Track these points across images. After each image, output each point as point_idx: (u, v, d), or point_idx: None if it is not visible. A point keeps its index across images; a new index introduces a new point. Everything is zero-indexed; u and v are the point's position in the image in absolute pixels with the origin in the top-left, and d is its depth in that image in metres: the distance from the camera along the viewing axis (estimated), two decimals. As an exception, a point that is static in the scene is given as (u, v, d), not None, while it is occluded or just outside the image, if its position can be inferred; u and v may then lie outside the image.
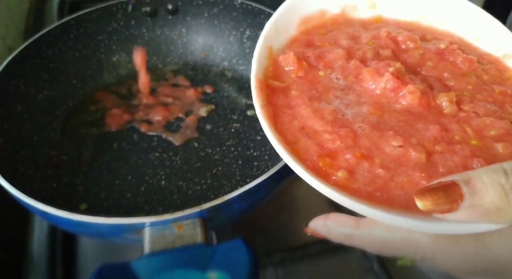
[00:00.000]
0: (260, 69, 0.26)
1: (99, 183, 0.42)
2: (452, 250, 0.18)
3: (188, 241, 0.29)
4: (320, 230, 0.23)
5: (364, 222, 0.21)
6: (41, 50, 0.47)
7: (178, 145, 0.46)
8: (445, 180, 0.18)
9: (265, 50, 0.27)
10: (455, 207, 0.17)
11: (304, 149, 0.23)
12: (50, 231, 0.41)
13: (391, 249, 0.20)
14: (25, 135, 0.43)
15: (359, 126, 0.23)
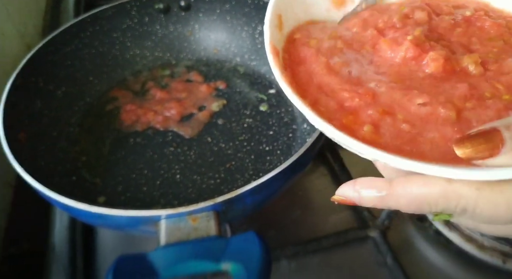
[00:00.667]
0: (273, 36, 0.26)
1: (116, 177, 0.44)
2: (497, 198, 0.17)
3: (202, 233, 0.30)
4: (350, 196, 0.21)
5: (398, 182, 0.20)
6: (58, 48, 0.48)
7: (191, 140, 0.47)
8: (485, 127, 0.17)
9: (275, 18, 0.27)
10: (496, 152, 0.16)
11: (325, 109, 0.23)
12: (70, 223, 0.42)
13: (430, 204, 0.19)
14: (45, 130, 0.44)
15: (377, 85, 0.23)
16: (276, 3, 0.27)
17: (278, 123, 0.48)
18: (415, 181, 0.19)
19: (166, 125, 0.48)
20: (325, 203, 0.43)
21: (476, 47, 0.26)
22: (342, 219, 0.41)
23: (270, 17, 0.27)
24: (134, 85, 0.54)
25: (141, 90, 0.53)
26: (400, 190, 0.19)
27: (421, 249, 0.38)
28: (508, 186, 0.17)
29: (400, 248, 0.37)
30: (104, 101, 0.51)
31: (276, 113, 0.50)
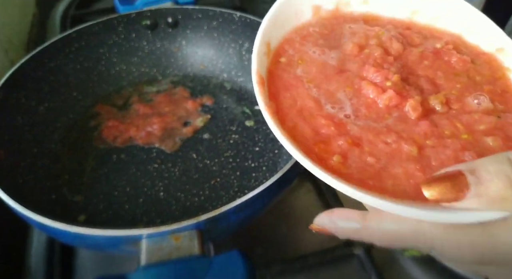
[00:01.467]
0: (260, 64, 0.26)
1: (98, 195, 0.42)
2: (462, 240, 0.18)
3: (185, 252, 0.29)
4: (326, 226, 0.22)
5: (371, 215, 0.20)
6: (42, 63, 0.48)
7: (176, 156, 0.46)
8: (451, 170, 0.18)
9: (263, 46, 0.27)
10: (461, 196, 0.17)
11: (301, 135, 0.23)
12: (48, 243, 0.41)
13: (400, 241, 0.20)
14: (25, 147, 0.43)
15: (354, 118, 0.24)
16: (265, 31, 0.27)
17: (264, 139, 0.48)
18: (387, 217, 0.19)
19: (148, 140, 0.48)
20: (311, 220, 0.42)
21: (441, 82, 0.27)
22: (328, 236, 0.40)
23: (259, 46, 0.27)
24: (118, 100, 0.53)
25: (124, 105, 0.52)
26: (373, 224, 0.20)
27: (405, 267, 0.38)
28: (472, 229, 0.18)
29: (384, 265, 0.37)
30: (88, 117, 0.51)
31: (262, 129, 0.49)
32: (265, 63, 0.27)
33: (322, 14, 0.31)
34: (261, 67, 0.26)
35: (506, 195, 0.17)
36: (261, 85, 0.25)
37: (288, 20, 0.30)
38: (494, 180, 0.17)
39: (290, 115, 0.25)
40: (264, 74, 0.26)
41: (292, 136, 0.23)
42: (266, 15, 0.29)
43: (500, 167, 0.17)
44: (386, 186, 0.21)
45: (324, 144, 0.23)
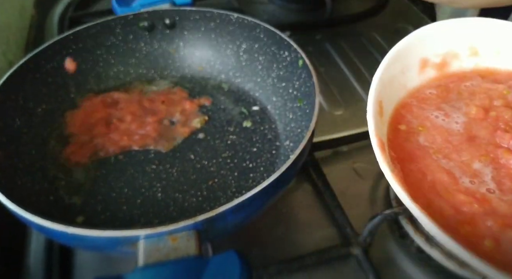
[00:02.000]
0: (377, 127, 0.24)
1: (96, 196, 0.43)
2: None
3: (182, 253, 0.29)
4: None
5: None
6: (40, 65, 0.48)
7: (174, 157, 0.47)
8: None
9: (376, 105, 0.25)
10: None
11: (439, 213, 0.21)
12: (47, 245, 0.41)
13: None
14: (23, 149, 0.43)
15: (498, 193, 0.21)
16: (377, 89, 0.25)
17: (261, 140, 0.48)
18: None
19: (144, 143, 0.48)
20: (308, 220, 0.42)
21: None
22: (325, 236, 0.40)
23: (373, 105, 0.24)
24: (115, 101, 0.53)
25: (119, 105, 0.52)
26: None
27: (403, 266, 0.38)
28: None
29: (382, 265, 0.37)
30: (86, 118, 0.51)
31: (259, 129, 0.50)
32: (379, 124, 0.24)
33: (430, 73, 0.29)
34: (378, 130, 0.24)
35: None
36: (382, 150, 0.22)
37: (396, 77, 0.28)
38: None
39: (422, 190, 0.22)
40: (383, 138, 0.24)
41: (429, 213, 0.20)
42: (376, 73, 0.26)
43: None
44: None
45: (470, 225, 0.20)
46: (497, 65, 0.29)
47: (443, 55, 0.29)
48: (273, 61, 0.52)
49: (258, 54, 0.54)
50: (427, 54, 0.29)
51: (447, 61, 0.30)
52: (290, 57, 0.49)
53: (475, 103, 0.26)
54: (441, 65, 0.30)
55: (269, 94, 0.53)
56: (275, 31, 0.50)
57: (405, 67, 0.29)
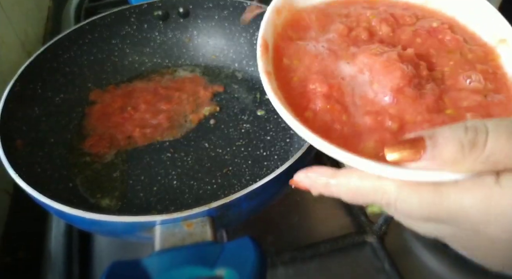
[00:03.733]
0: (267, 30, 0.28)
1: (114, 183, 0.43)
2: (412, 196, 0.20)
3: (197, 239, 0.29)
4: (302, 181, 0.24)
5: (341, 172, 0.22)
6: (57, 55, 0.49)
7: (189, 146, 0.47)
8: (413, 136, 0.20)
9: (274, 14, 0.28)
10: (418, 158, 0.19)
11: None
12: (66, 230, 0.42)
13: (362, 195, 0.22)
14: (42, 137, 0.44)
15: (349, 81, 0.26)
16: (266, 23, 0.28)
17: (275, 128, 0.48)
18: (354, 174, 0.22)
19: (156, 134, 0.48)
20: (323, 209, 0.42)
21: (433, 60, 0.27)
22: (340, 224, 0.40)
23: (269, 14, 0.28)
24: (130, 90, 0.53)
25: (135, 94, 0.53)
26: (341, 180, 0.22)
27: (419, 254, 0.38)
28: (423, 187, 0.19)
29: (397, 253, 0.37)
30: (102, 107, 0.52)
31: (273, 118, 0.50)
32: (267, 62, 0.27)
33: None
34: (268, 33, 0.27)
35: (458, 159, 0.18)
36: (265, 49, 0.27)
37: None
38: (448, 144, 0.18)
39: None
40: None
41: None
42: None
43: (456, 134, 0.18)
44: (358, 148, 0.23)
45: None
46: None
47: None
48: (287, 49, 0.51)
49: (271, 42, 0.53)
50: None
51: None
52: (304, 45, 0.48)
53: (342, 22, 0.29)
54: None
55: (283, 82, 0.52)
56: (289, 18, 0.49)
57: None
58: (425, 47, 0.28)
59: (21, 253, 0.44)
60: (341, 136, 0.23)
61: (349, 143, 0.23)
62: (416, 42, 0.28)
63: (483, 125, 0.18)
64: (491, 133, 0.18)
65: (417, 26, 0.29)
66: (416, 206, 0.19)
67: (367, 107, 0.24)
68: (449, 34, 0.28)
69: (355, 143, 0.23)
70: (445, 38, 0.28)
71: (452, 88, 0.25)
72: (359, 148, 0.23)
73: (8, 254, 0.44)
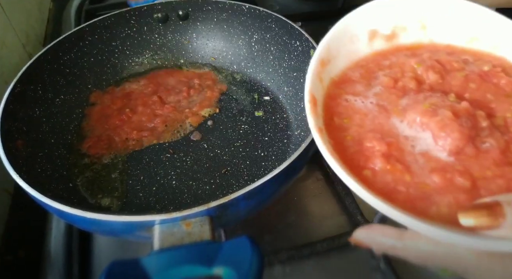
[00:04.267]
0: (314, 84, 0.27)
1: (113, 184, 0.44)
2: (495, 266, 0.19)
3: (196, 238, 0.30)
4: (364, 240, 0.23)
5: (408, 234, 0.21)
6: (57, 56, 0.49)
7: (188, 146, 0.47)
8: (489, 200, 0.19)
9: (318, 66, 0.28)
10: (496, 225, 0.18)
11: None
12: (67, 230, 0.42)
13: (434, 261, 0.20)
14: (42, 137, 0.44)
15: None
16: (320, 54, 0.28)
17: (273, 129, 0.49)
18: (424, 237, 0.20)
19: (152, 137, 0.48)
20: (319, 208, 0.43)
21: (493, 105, 0.26)
22: (336, 223, 0.41)
23: (315, 66, 0.27)
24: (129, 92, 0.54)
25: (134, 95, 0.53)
26: (409, 243, 0.21)
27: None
28: (506, 257, 0.18)
29: (393, 252, 0.37)
30: (102, 108, 0.52)
31: (271, 119, 0.50)
32: (317, 117, 0.26)
33: (377, 44, 0.31)
34: (315, 87, 0.26)
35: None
36: (313, 104, 0.25)
37: (343, 44, 0.30)
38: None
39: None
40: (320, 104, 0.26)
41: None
42: (324, 37, 0.29)
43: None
44: (429, 211, 0.21)
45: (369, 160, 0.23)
46: (441, 39, 0.31)
47: (393, 27, 0.31)
48: (285, 51, 0.52)
49: (269, 44, 0.54)
50: (376, 26, 0.31)
51: (396, 33, 0.31)
52: (301, 47, 0.49)
53: (387, 75, 0.28)
54: (390, 37, 0.31)
55: (281, 84, 0.53)
56: (287, 21, 0.50)
57: (354, 36, 0.30)
58: (480, 92, 0.26)
59: (21, 252, 0.44)
60: (408, 198, 0.21)
61: (417, 206, 0.21)
62: (469, 87, 0.27)
63: None
64: None
65: (467, 71, 0.28)
66: (499, 276, 0.19)
67: (432, 164, 0.23)
68: (504, 77, 0.27)
69: (425, 206, 0.21)
70: (501, 82, 0.27)
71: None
72: (431, 211, 0.21)
73: (9, 253, 0.44)
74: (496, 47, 0.29)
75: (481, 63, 0.28)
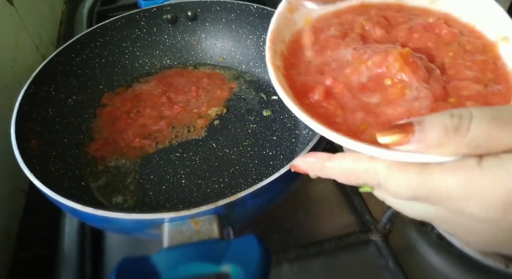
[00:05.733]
0: (278, 26, 0.30)
1: (124, 182, 0.45)
2: (400, 176, 0.21)
3: (204, 236, 0.30)
4: (301, 165, 0.27)
5: (335, 156, 0.24)
6: (70, 58, 0.50)
7: (197, 145, 0.48)
8: (404, 122, 0.21)
9: (285, 10, 0.31)
10: (406, 141, 0.20)
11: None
12: (79, 228, 0.43)
13: (355, 176, 0.23)
14: (56, 137, 0.45)
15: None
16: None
17: (281, 129, 0.49)
18: (348, 157, 0.23)
19: (157, 141, 0.49)
20: (327, 207, 0.43)
21: (433, 52, 0.28)
22: (344, 222, 0.41)
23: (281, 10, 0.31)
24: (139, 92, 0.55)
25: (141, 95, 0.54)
26: (336, 163, 0.24)
27: (423, 253, 0.38)
28: (410, 168, 0.21)
29: (402, 251, 0.37)
30: (113, 108, 0.53)
31: (279, 118, 0.50)
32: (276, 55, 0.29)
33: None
34: (273, 59, 0.29)
35: (443, 142, 0.19)
36: (273, 43, 0.29)
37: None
38: (434, 129, 0.20)
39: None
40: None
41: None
42: None
43: (442, 119, 0.20)
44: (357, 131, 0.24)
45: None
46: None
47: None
48: (293, 50, 0.52)
49: (278, 44, 0.54)
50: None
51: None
52: (310, 46, 0.49)
53: (338, 30, 0.31)
54: None
55: (290, 83, 0.53)
56: (295, 20, 0.50)
57: None
58: (422, 41, 0.29)
59: (35, 250, 0.45)
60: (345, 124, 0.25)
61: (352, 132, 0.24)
62: (413, 38, 0.29)
63: (467, 112, 0.19)
64: (474, 119, 0.19)
65: (413, 22, 0.30)
66: (403, 185, 0.21)
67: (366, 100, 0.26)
68: (445, 27, 0.29)
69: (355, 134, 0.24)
70: (442, 32, 0.29)
71: (454, 77, 0.26)
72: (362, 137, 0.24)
73: (23, 250, 0.45)
74: (454, 8, 0.31)
75: (427, 17, 0.31)
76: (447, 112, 0.20)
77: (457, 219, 0.21)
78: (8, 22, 0.56)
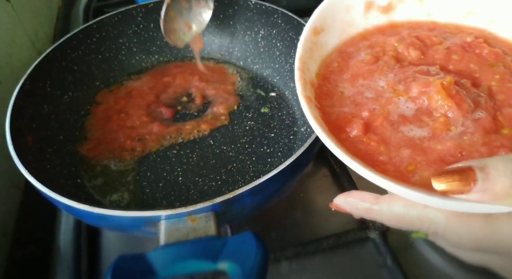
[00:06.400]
0: (305, 52, 0.28)
1: (121, 179, 0.44)
2: (462, 228, 0.19)
3: (201, 233, 0.30)
4: (342, 205, 0.25)
5: (384, 198, 0.23)
6: (66, 54, 0.50)
7: (194, 143, 0.48)
8: (462, 165, 0.19)
9: (311, 34, 0.29)
10: (467, 190, 0.18)
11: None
12: (75, 225, 0.43)
13: (407, 224, 0.22)
14: (51, 134, 0.45)
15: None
16: (315, 20, 0.29)
17: (279, 126, 0.49)
18: (398, 202, 0.22)
19: (165, 129, 0.49)
20: (326, 205, 0.42)
21: (477, 75, 0.26)
22: (343, 220, 0.41)
23: (307, 32, 0.28)
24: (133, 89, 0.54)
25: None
26: (384, 207, 0.22)
27: (421, 250, 0.38)
28: (472, 219, 0.19)
29: (400, 249, 0.37)
30: (110, 105, 0.52)
31: (277, 115, 0.50)
32: (308, 86, 0.27)
33: (372, 16, 0.31)
34: (305, 91, 0.26)
35: (511, 192, 0.17)
36: (302, 73, 0.27)
37: (338, 13, 0.30)
38: (501, 178, 0.17)
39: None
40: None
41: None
42: (319, 5, 0.30)
43: (509, 166, 0.18)
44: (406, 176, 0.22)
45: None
46: (438, 15, 0.31)
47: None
48: (291, 46, 0.52)
49: (276, 40, 0.54)
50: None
51: (393, 4, 0.31)
52: (308, 42, 0.49)
53: (369, 54, 0.29)
54: (386, 8, 0.31)
55: (287, 80, 0.53)
56: (293, 16, 0.50)
57: (350, 6, 0.31)
58: (463, 63, 0.27)
59: (31, 247, 0.45)
60: (391, 166, 0.22)
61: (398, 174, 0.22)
62: (452, 59, 0.27)
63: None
64: None
65: (449, 42, 0.28)
66: (466, 238, 0.19)
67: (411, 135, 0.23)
68: (486, 47, 0.27)
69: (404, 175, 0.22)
70: (483, 52, 0.27)
71: (505, 104, 0.24)
72: (412, 180, 0.21)
73: (19, 248, 0.45)
74: (491, 22, 0.30)
75: (463, 35, 0.29)
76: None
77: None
78: (4, 18, 0.56)
